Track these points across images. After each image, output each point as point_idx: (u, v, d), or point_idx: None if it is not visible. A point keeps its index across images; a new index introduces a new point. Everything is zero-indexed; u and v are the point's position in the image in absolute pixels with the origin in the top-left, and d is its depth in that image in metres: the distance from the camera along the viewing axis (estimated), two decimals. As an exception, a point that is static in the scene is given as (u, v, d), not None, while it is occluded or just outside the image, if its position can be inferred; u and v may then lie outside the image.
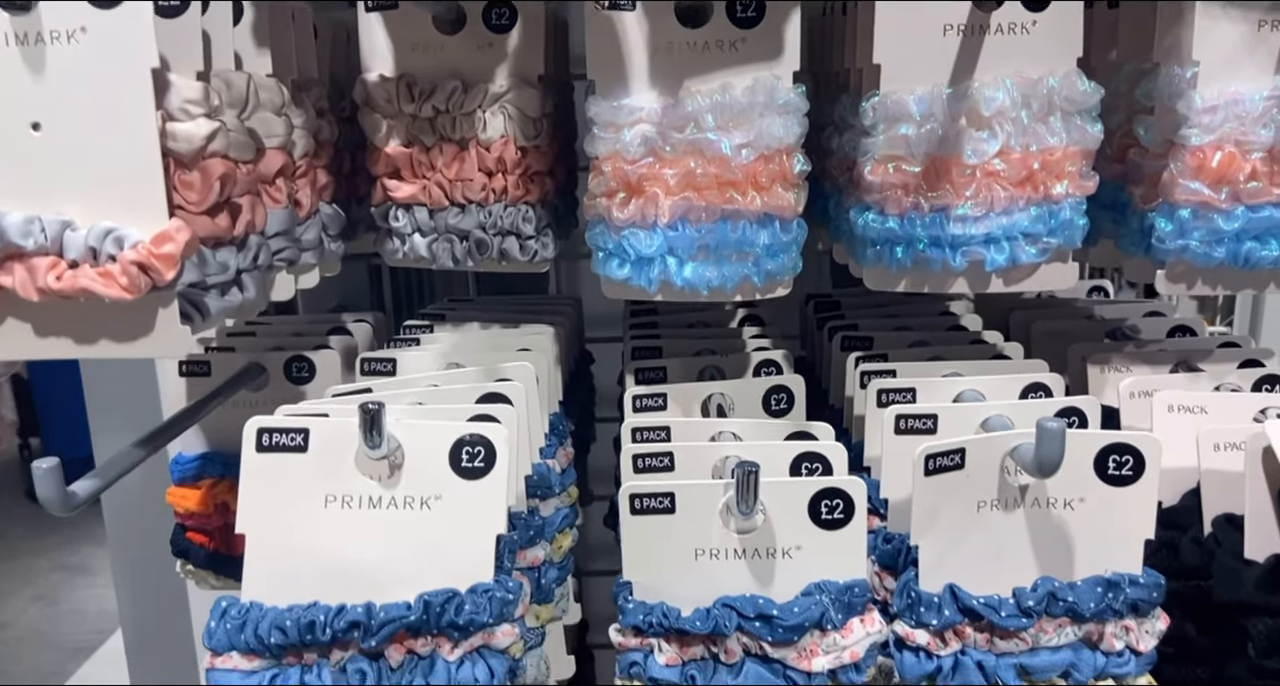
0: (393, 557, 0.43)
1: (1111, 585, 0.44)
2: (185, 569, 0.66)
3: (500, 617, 0.42)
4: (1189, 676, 0.46)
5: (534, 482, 0.53)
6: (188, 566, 0.66)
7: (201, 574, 0.65)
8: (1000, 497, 0.46)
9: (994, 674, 0.44)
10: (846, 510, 0.45)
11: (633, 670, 0.46)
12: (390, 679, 0.41)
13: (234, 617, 0.40)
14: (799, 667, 0.45)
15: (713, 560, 0.46)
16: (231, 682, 0.40)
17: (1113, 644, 0.44)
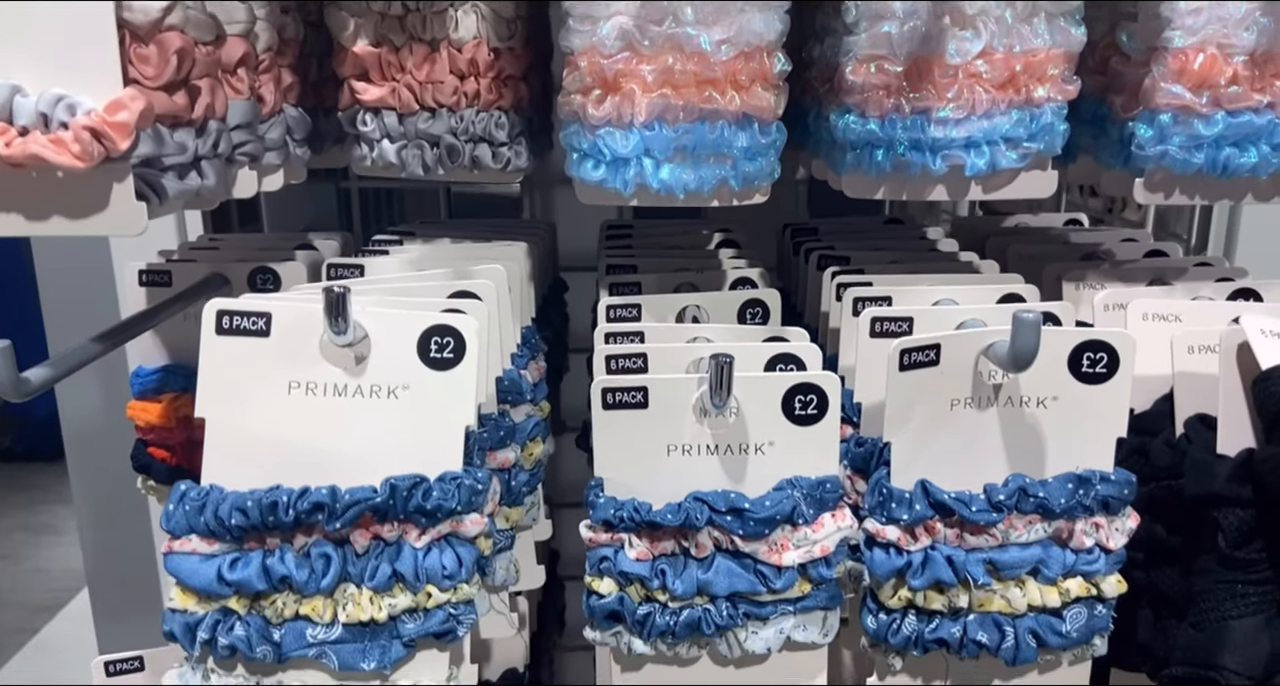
0: (358, 446, 0.42)
1: (1082, 481, 0.44)
2: (146, 485, 0.65)
3: (469, 506, 0.41)
4: (1159, 579, 0.46)
5: (505, 387, 0.52)
6: (149, 482, 0.64)
7: (163, 490, 0.64)
8: (974, 396, 0.45)
9: (963, 568, 0.44)
10: (820, 406, 0.45)
11: (603, 565, 0.46)
12: (356, 564, 0.40)
13: (193, 499, 0.39)
14: (769, 562, 0.45)
15: (685, 456, 0.45)
16: (190, 566, 0.39)
17: (1082, 541, 0.44)
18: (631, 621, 0.45)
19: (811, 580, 0.45)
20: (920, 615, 0.46)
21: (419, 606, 0.41)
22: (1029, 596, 0.45)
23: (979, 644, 0.45)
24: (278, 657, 0.40)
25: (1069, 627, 0.45)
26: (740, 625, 0.46)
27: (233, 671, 0.40)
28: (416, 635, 0.40)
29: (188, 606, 0.39)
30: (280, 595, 0.40)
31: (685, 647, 0.46)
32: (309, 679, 0.41)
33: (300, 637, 0.40)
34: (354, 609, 0.40)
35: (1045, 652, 0.46)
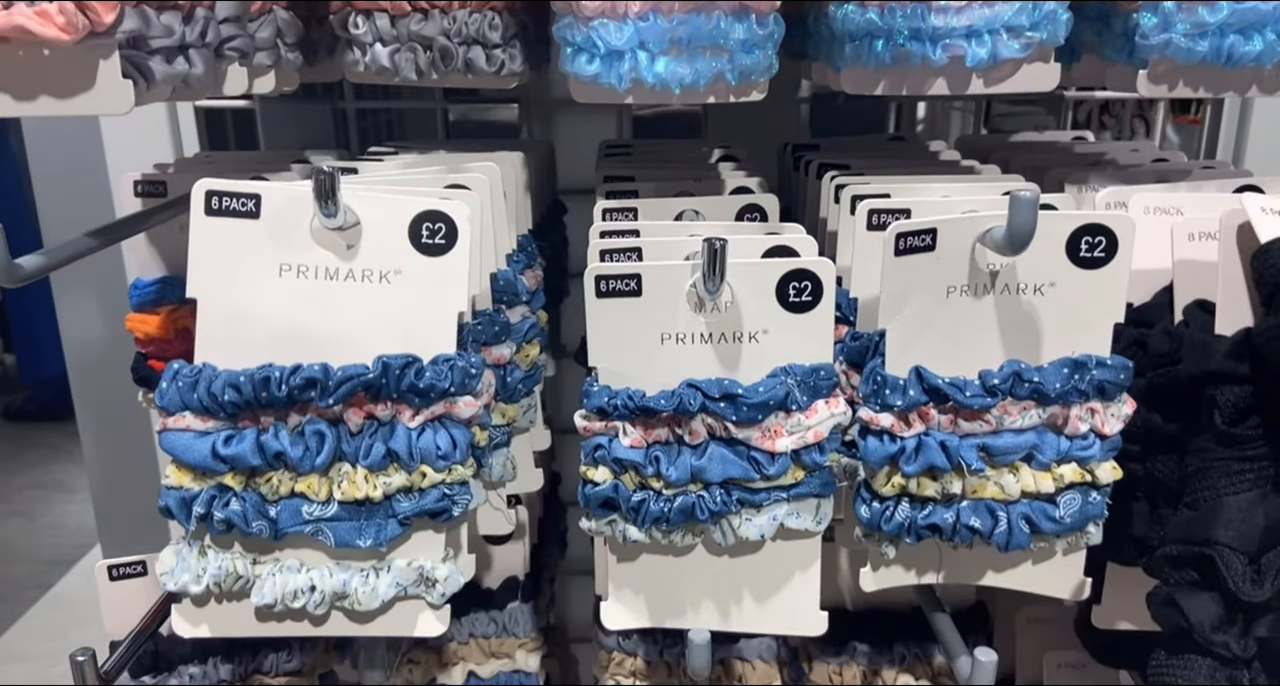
0: (351, 330, 0.42)
1: (1078, 366, 0.44)
2: (147, 398, 0.65)
3: (462, 388, 0.41)
4: (1155, 468, 0.46)
5: (500, 286, 0.51)
6: (149, 395, 0.65)
7: (164, 402, 0.64)
8: (970, 283, 0.45)
9: (956, 454, 0.44)
10: (814, 293, 0.45)
11: (597, 453, 0.46)
12: (350, 443, 0.40)
13: (186, 376, 0.39)
14: (762, 448, 0.45)
15: (679, 345, 0.45)
16: (185, 442, 0.39)
17: (1077, 426, 0.44)
18: (626, 508, 0.46)
19: (805, 467, 0.45)
20: (913, 502, 0.46)
21: (413, 486, 0.41)
22: (1022, 482, 0.45)
23: (972, 529, 0.45)
24: (274, 534, 0.40)
25: (1062, 513, 0.45)
26: (734, 512, 0.46)
27: (229, 549, 0.41)
28: (411, 513, 0.41)
29: (183, 483, 0.40)
30: (275, 473, 0.40)
31: (680, 535, 0.47)
32: (306, 557, 0.41)
33: (296, 514, 0.40)
34: (349, 487, 0.40)
35: (1039, 539, 0.46)
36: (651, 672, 0.63)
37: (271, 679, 0.61)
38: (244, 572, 0.40)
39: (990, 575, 0.50)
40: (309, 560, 0.41)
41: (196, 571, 0.40)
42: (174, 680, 0.59)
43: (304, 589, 0.40)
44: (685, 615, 0.50)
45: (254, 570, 0.41)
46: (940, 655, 0.63)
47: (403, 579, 0.41)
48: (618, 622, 0.50)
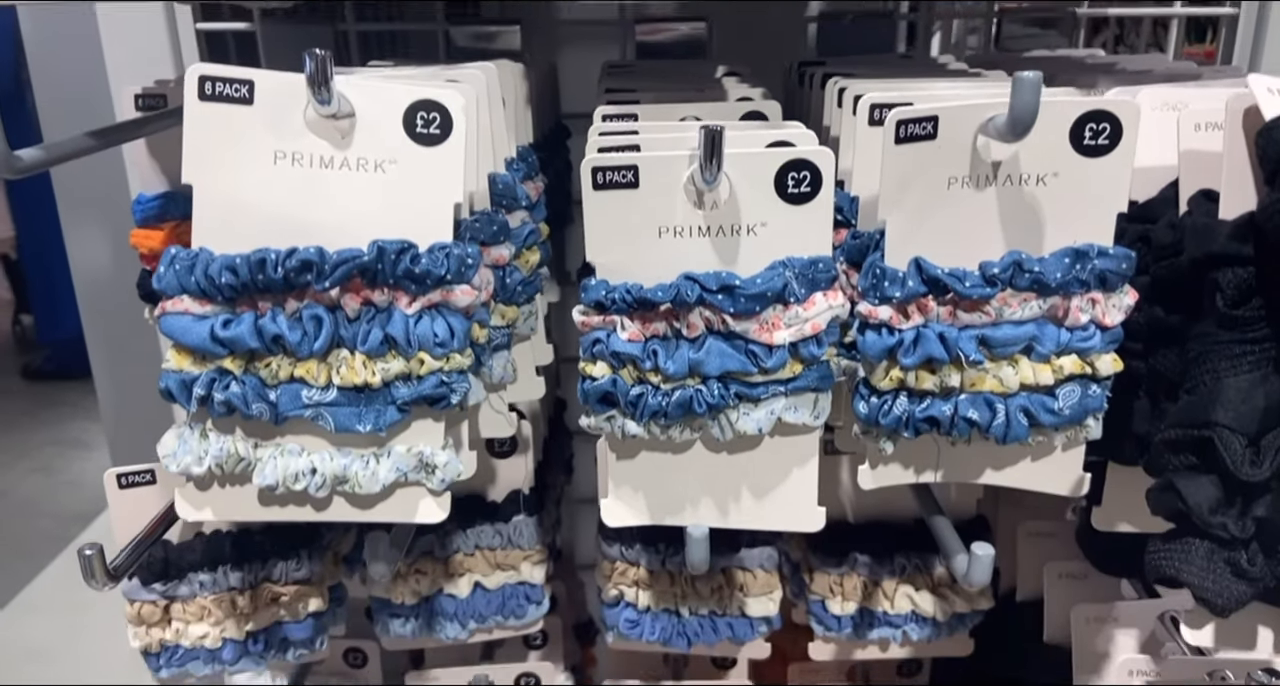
0: (346, 219, 0.42)
1: (1079, 255, 0.43)
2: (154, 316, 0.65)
3: (459, 277, 0.41)
4: (1158, 362, 0.46)
5: (499, 190, 0.51)
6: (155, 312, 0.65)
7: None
8: (972, 174, 0.44)
9: (955, 345, 0.44)
10: (813, 183, 0.44)
11: (595, 348, 0.46)
12: (348, 329, 0.41)
13: (183, 260, 0.39)
14: (760, 341, 0.45)
15: (677, 238, 0.45)
16: (184, 325, 0.39)
17: (1078, 318, 0.44)
18: (625, 403, 0.46)
19: (803, 360, 0.45)
20: (911, 396, 0.46)
21: (411, 373, 0.41)
22: (1021, 375, 0.45)
23: (969, 422, 0.45)
24: (274, 417, 0.40)
25: (1061, 405, 0.45)
26: (732, 406, 0.46)
27: (231, 433, 0.41)
28: (410, 399, 0.41)
29: (183, 367, 0.40)
30: (274, 357, 0.40)
31: (678, 430, 0.47)
32: (307, 442, 0.42)
33: (296, 399, 0.40)
34: (347, 372, 0.40)
35: (1037, 433, 0.46)
36: (654, 581, 0.63)
37: (280, 587, 0.62)
38: (245, 455, 0.41)
39: (989, 473, 0.50)
40: (310, 446, 0.42)
41: (198, 453, 0.41)
42: (184, 588, 0.61)
43: (305, 471, 0.41)
44: (684, 512, 0.50)
45: (255, 453, 0.41)
46: (941, 565, 0.63)
47: (403, 464, 0.42)
48: (617, 519, 0.51)
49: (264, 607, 0.62)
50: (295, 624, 0.64)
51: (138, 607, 0.61)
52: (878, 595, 0.64)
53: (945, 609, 0.63)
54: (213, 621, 0.61)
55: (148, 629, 0.61)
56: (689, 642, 0.64)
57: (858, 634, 0.65)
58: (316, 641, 0.65)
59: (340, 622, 0.69)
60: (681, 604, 0.64)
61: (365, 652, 0.76)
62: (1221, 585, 0.39)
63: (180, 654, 0.62)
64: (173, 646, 0.62)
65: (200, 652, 0.62)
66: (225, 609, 0.61)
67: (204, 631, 0.61)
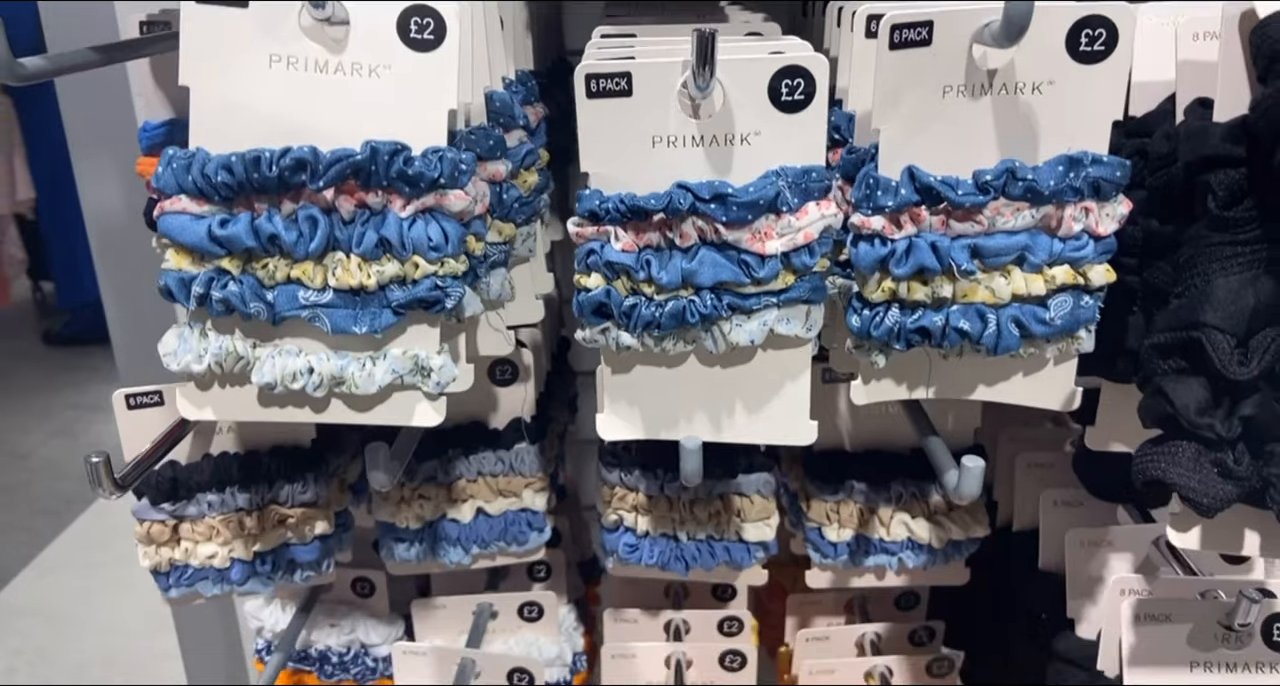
0: (341, 124, 0.42)
1: (1073, 163, 0.43)
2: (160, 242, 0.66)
3: (453, 181, 0.42)
4: (1152, 276, 0.46)
5: (496, 108, 0.51)
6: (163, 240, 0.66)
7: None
8: (967, 83, 0.44)
9: (947, 255, 0.44)
10: (807, 91, 0.44)
11: (589, 259, 0.46)
12: (343, 231, 0.41)
13: (180, 159, 0.40)
14: (753, 250, 0.45)
15: (670, 148, 0.45)
16: (181, 223, 0.40)
17: (1071, 227, 0.44)
18: (618, 313, 0.46)
19: (795, 270, 0.46)
20: (903, 308, 0.46)
21: (406, 276, 0.42)
22: (1013, 285, 0.45)
23: (961, 332, 0.45)
24: (272, 317, 0.41)
25: (1053, 315, 0.45)
26: (724, 317, 0.46)
27: (230, 333, 0.42)
28: (405, 301, 0.41)
29: (182, 266, 0.41)
30: (271, 259, 0.41)
31: (672, 342, 0.47)
32: (305, 344, 0.42)
33: (293, 299, 0.41)
34: (343, 274, 0.41)
35: (1029, 345, 0.46)
36: (653, 506, 0.64)
37: (287, 509, 0.63)
38: (244, 354, 0.42)
39: (981, 389, 0.50)
40: (307, 347, 0.43)
41: (198, 351, 0.42)
42: (192, 508, 0.62)
43: (302, 371, 0.41)
44: (678, 426, 0.51)
45: (254, 352, 0.42)
46: (937, 493, 0.64)
47: (398, 367, 0.42)
48: (612, 433, 0.51)
49: (271, 529, 0.64)
50: (302, 546, 0.65)
51: (147, 527, 0.62)
52: (874, 522, 0.64)
53: (941, 536, 0.64)
54: (221, 541, 0.63)
55: (157, 548, 0.63)
56: (686, 567, 0.65)
57: (854, 561, 0.65)
58: (323, 564, 0.67)
59: (346, 548, 0.71)
60: (680, 529, 0.65)
61: (373, 582, 0.77)
62: (1207, 485, 0.39)
63: (189, 573, 0.64)
64: (181, 566, 0.63)
65: (209, 572, 0.64)
66: (233, 529, 0.62)
67: (212, 551, 0.63)
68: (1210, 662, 0.51)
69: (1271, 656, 0.51)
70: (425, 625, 0.75)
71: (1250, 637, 0.51)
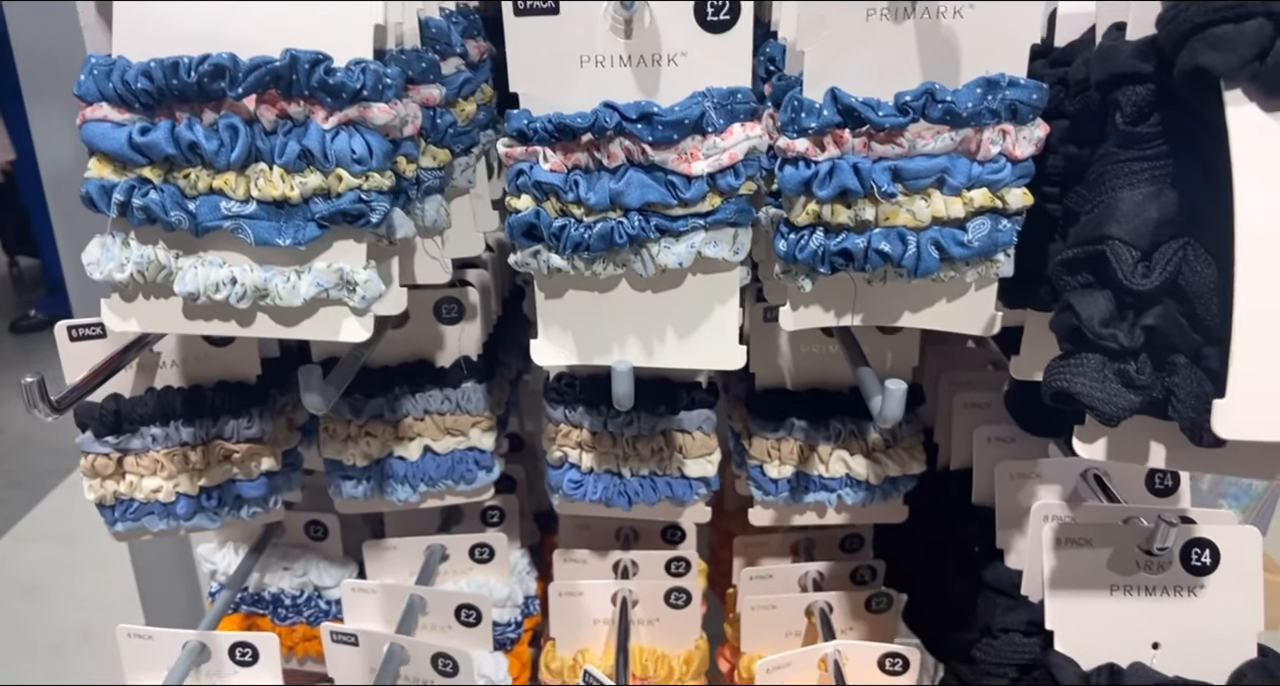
0: (264, 35, 0.42)
1: (991, 85, 0.44)
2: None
3: (376, 94, 0.42)
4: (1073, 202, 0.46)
5: (431, 34, 0.51)
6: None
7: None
8: (890, 7, 0.45)
9: (869, 177, 0.45)
10: (732, 10, 0.45)
11: (519, 180, 0.47)
12: (265, 141, 0.41)
13: (101, 66, 0.40)
14: (679, 171, 0.45)
15: (599, 68, 0.46)
16: (103, 131, 0.40)
17: (989, 150, 0.45)
18: (548, 235, 0.47)
19: (721, 192, 0.46)
20: (828, 231, 0.47)
21: (330, 190, 0.42)
22: (933, 208, 0.45)
23: (882, 254, 0.46)
24: (194, 227, 0.41)
25: (971, 237, 0.46)
26: (653, 239, 0.47)
27: (154, 243, 0.42)
28: (328, 213, 0.42)
29: (104, 174, 0.41)
30: (193, 169, 0.41)
31: (602, 265, 0.48)
32: (229, 257, 0.43)
33: (215, 210, 0.41)
34: (265, 185, 0.41)
35: (948, 268, 0.47)
36: (597, 442, 0.65)
37: (232, 444, 0.64)
38: (166, 263, 0.42)
39: (906, 315, 0.51)
40: (231, 260, 0.43)
41: (120, 260, 0.42)
42: (136, 441, 0.62)
43: (225, 281, 0.42)
44: (611, 351, 0.52)
45: (177, 262, 0.42)
46: (874, 431, 0.65)
47: (323, 280, 0.43)
48: (546, 358, 0.52)
49: (216, 464, 0.64)
50: (248, 482, 0.65)
51: (91, 460, 0.62)
52: (813, 459, 0.66)
53: (878, 472, 0.65)
54: (166, 475, 0.63)
55: (101, 481, 0.63)
56: (630, 502, 0.66)
57: (794, 498, 0.67)
58: (270, 501, 0.67)
59: (295, 487, 0.71)
60: (623, 465, 0.65)
61: (326, 525, 0.78)
62: (1111, 394, 0.40)
63: (135, 507, 0.64)
64: (127, 499, 0.64)
65: (154, 506, 0.64)
66: (178, 463, 0.63)
67: (157, 485, 0.63)
68: (1130, 586, 0.53)
69: (1190, 580, 0.53)
70: (377, 566, 0.76)
71: (1169, 562, 0.53)
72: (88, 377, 0.54)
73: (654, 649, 0.72)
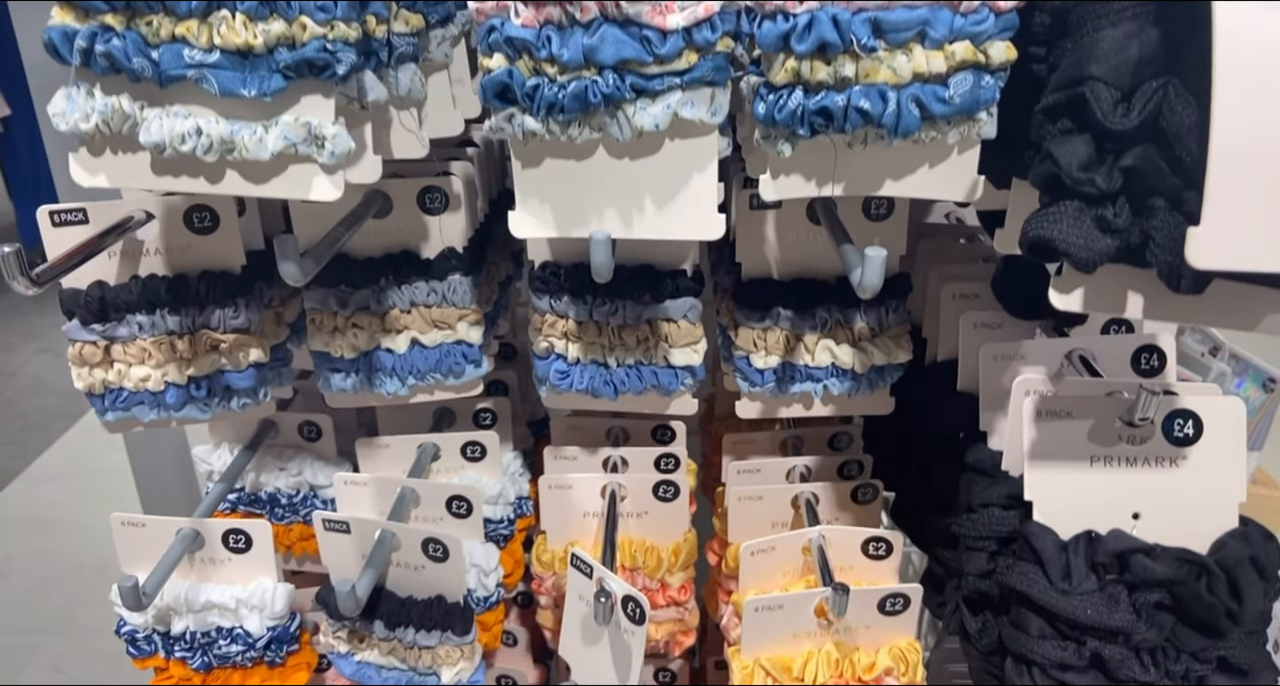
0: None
1: (974, -70, 0.43)
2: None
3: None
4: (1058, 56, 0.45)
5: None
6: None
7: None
8: None
9: (848, 29, 0.44)
10: None
11: (491, 37, 0.46)
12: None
13: (57, -92, 0.39)
14: (654, 25, 0.44)
15: (570, -81, 0.44)
16: (62, -24, 0.39)
17: (971, 3, 0.44)
18: (521, 95, 0.46)
19: (697, 47, 0.45)
20: (807, 90, 0.46)
21: (294, 39, 0.41)
22: (914, 63, 0.44)
23: (862, 112, 0.45)
24: (158, 76, 0.41)
25: (953, 93, 0.45)
26: (628, 99, 0.46)
27: (119, 94, 0.42)
28: (292, 62, 0.41)
29: (66, 20, 0.40)
30: (155, 16, 0.40)
31: (578, 128, 0.47)
32: (194, 110, 0.42)
33: (178, 58, 0.41)
34: (228, 33, 0.40)
35: (930, 127, 0.46)
36: (582, 332, 0.65)
37: (219, 334, 0.64)
38: (131, 113, 0.42)
39: (888, 184, 0.50)
40: (197, 113, 0.43)
41: (85, 110, 0.41)
42: (122, 329, 0.63)
43: (191, 132, 0.41)
44: (589, 222, 0.51)
45: (142, 113, 0.42)
46: (861, 319, 0.64)
47: (291, 134, 0.42)
48: (524, 230, 0.52)
49: (204, 354, 0.64)
50: (237, 373, 0.66)
51: (79, 347, 0.63)
52: (799, 349, 0.65)
53: (864, 361, 0.65)
54: (154, 364, 0.63)
55: (90, 369, 0.64)
56: (616, 391, 0.66)
57: (780, 388, 0.67)
58: (259, 392, 0.68)
59: (286, 383, 0.72)
60: (609, 355, 0.65)
61: (319, 426, 0.79)
62: (1088, 239, 0.40)
63: (124, 396, 0.64)
64: (116, 388, 0.64)
65: (144, 396, 0.64)
66: (165, 352, 0.63)
67: (145, 373, 0.64)
68: (1111, 458, 0.53)
69: (1172, 451, 0.53)
70: (369, 463, 0.77)
71: (1151, 434, 0.52)
72: (68, 255, 0.54)
73: (643, 540, 0.73)
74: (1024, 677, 0.52)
